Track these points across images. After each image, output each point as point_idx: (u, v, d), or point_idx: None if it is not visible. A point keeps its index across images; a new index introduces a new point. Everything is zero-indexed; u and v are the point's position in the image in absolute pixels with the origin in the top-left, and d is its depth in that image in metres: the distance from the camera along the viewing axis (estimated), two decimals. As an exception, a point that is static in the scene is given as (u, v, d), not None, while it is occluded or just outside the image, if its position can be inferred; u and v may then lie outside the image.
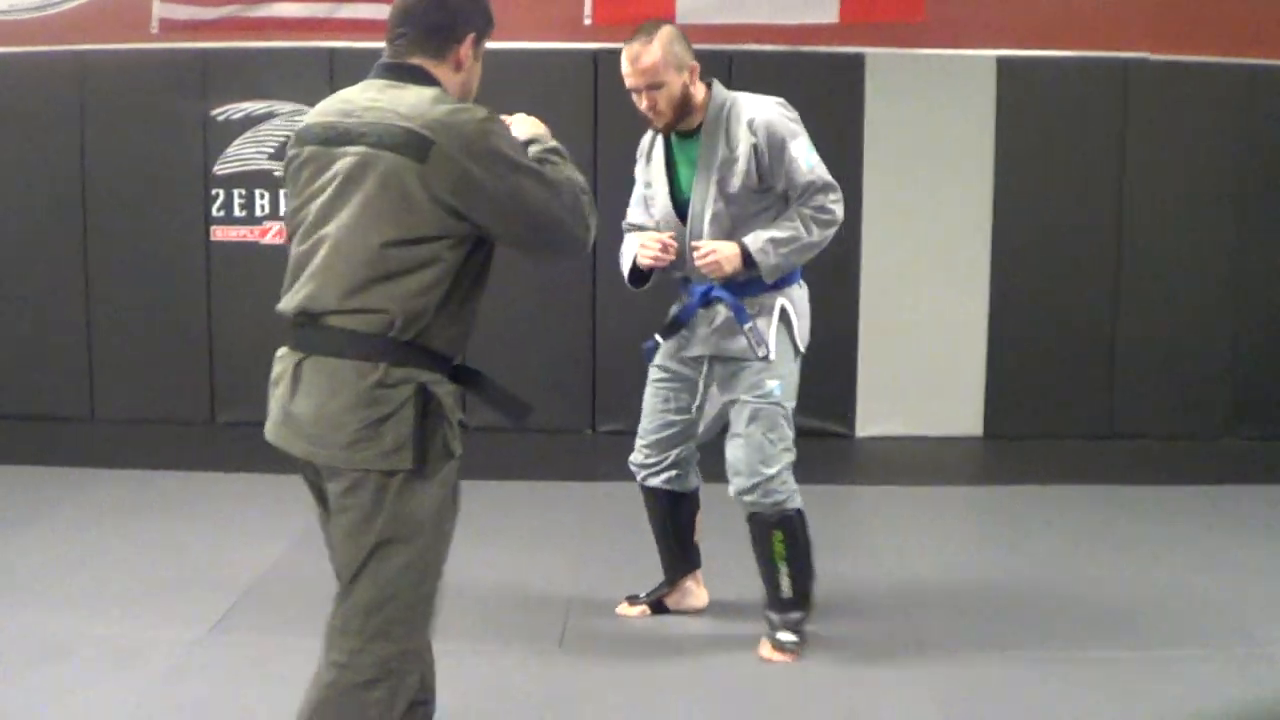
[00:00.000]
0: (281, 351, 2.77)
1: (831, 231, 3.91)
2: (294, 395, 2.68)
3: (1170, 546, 5.19)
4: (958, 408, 6.98)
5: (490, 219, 2.64)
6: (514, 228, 2.68)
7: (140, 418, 6.94)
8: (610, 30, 6.76)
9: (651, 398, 4.13)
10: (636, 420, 4.17)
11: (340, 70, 6.77)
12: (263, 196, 6.86)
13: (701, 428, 4.16)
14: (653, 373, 4.14)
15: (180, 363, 6.98)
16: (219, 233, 6.89)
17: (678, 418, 4.10)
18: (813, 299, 6.84)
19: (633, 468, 4.20)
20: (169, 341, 6.97)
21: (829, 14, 6.72)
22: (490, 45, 2.83)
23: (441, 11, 2.74)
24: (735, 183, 3.84)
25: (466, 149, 2.59)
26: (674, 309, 4.09)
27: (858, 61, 6.78)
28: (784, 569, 3.96)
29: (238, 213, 6.86)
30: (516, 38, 6.23)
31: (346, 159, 2.64)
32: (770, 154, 3.83)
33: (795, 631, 3.99)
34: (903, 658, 4.04)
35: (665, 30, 3.84)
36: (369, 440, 2.60)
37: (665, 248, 3.90)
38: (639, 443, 4.16)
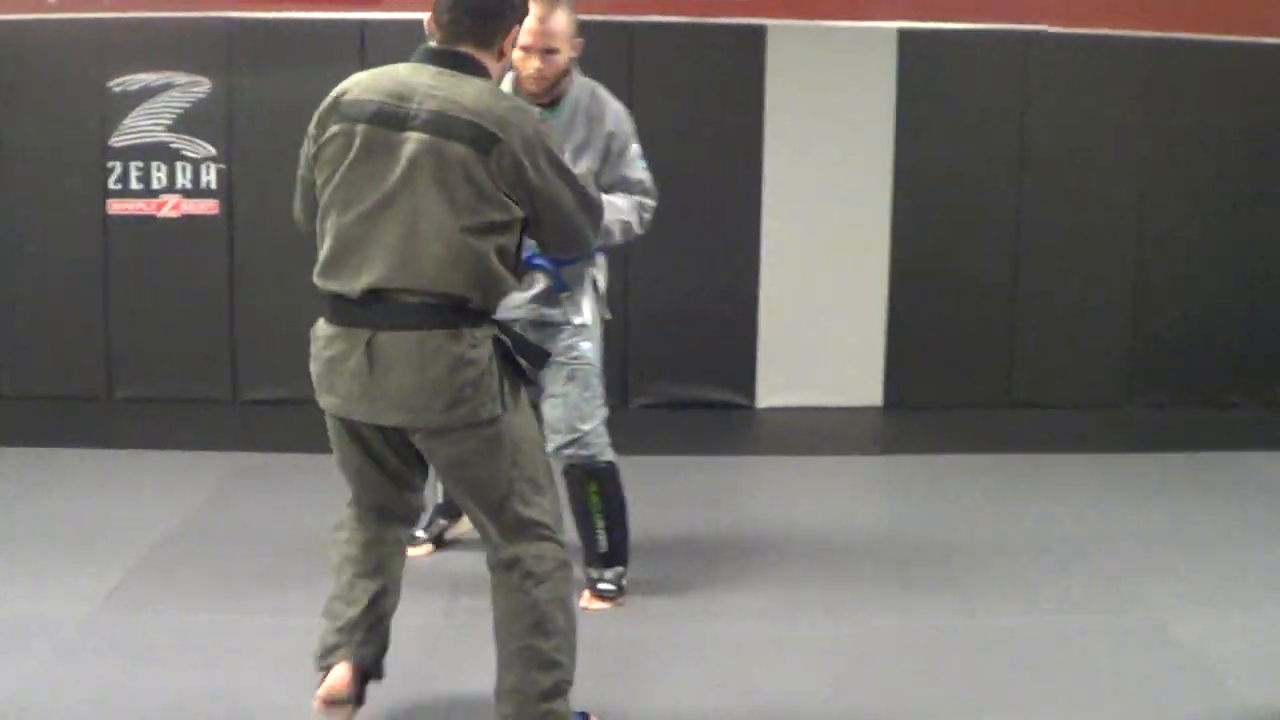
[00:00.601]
0: (332, 330, 2.94)
1: (637, 234, 4.15)
2: (374, 370, 2.87)
3: (1066, 514, 5.25)
4: (858, 378, 7.01)
5: (531, 212, 2.91)
6: (546, 224, 2.96)
7: (37, 394, 6.83)
8: None
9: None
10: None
11: (239, 40, 6.72)
12: (160, 169, 6.76)
13: None
14: None
15: (78, 337, 6.88)
16: (116, 206, 6.80)
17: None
18: (714, 269, 6.92)
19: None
20: (67, 315, 6.86)
21: (732, -15, 6.72)
22: (390, 16, 2.97)
23: (485, 11, 2.92)
24: (581, 165, 3.93)
25: (526, 147, 2.83)
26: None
27: (759, 33, 6.77)
28: (600, 522, 4.20)
29: (134, 185, 6.78)
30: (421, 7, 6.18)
31: (411, 144, 2.83)
32: (615, 148, 4.06)
33: (614, 582, 4.22)
34: (797, 621, 4.11)
35: (567, 1, 3.97)
36: (468, 399, 2.87)
37: None
38: None
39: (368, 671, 3.17)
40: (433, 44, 2.94)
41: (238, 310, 6.85)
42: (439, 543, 4.68)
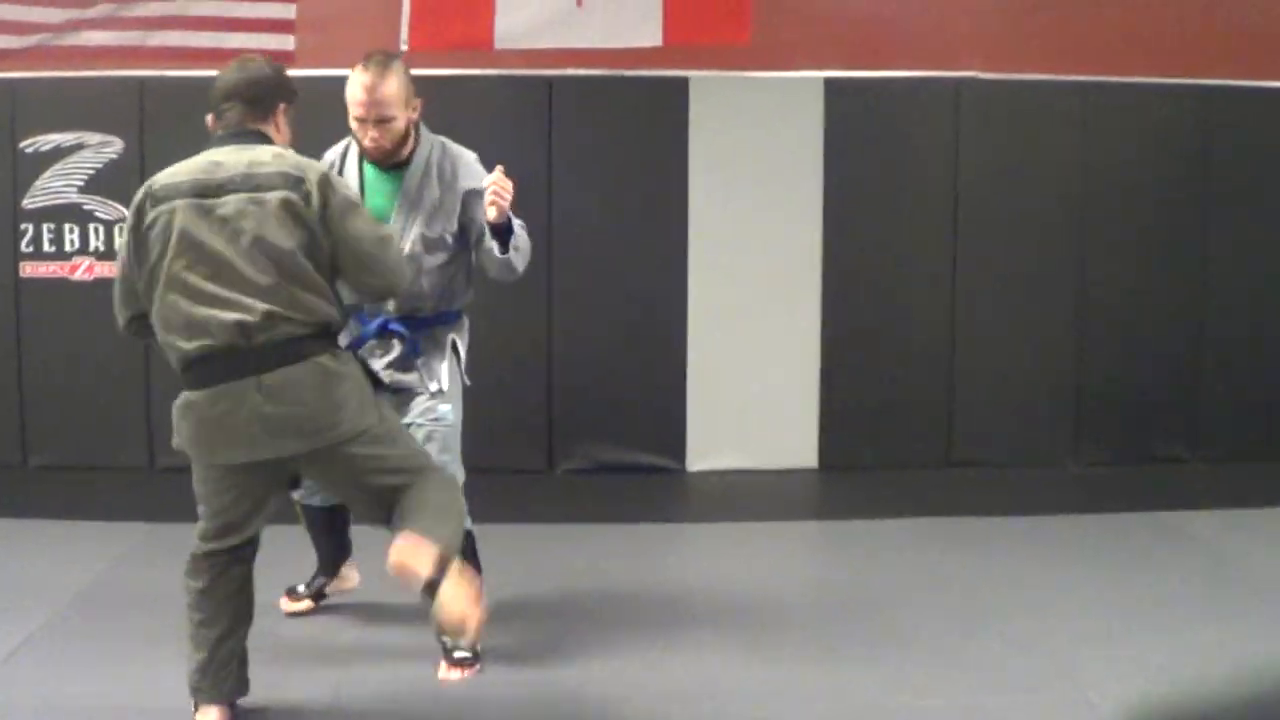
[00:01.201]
0: (197, 394, 3.30)
1: (511, 280, 4.09)
2: (265, 408, 3.24)
3: (1002, 580, 5.04)
4: (791, 439, 6.80)
5: (332, 246, 3.34)
6: (346, 252, 3.36)
7: (-46, 462, 6.71)
8: (426, 56, 6.59)
9: None
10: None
11: (151, 99, 6.59)
12: (73, 231, 6.62)
13: None
14: None
15: (-10, 403, 6.74)
16: (28, 268, 6.66)
17: None
18: (639, 328, 6.74)
19: (294, 494, 4.15)
20: (-22, 382, 6.73)
21: (653, 37, 6.54)
22: (307, 72, 3.60)
23: (257, 88, 3.50)
24: (438, 227, 3.95)
25: (323, 183, 3.32)
26: (342, 339, 3.98)
27: (681, 85, 6.62)
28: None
29: (47, 248, 6.64)
30: (331, 64, 6.04)
31: (229, 206, 3.26)
32: (474, 202, 3.95)
33: (470, 650, 4.01)
34: (719, 700, 3.91)
35: (399, 64, 3.94)
36: (345, 409, 3.33)
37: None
38: None
39: (233, 703, 3.56)
40: (218, 129, 3.47)
41: (153, 374, 6.68)
42: (318, 599, 4.60)
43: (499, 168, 3.80)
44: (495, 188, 3.76)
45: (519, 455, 6.63)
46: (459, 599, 3.24)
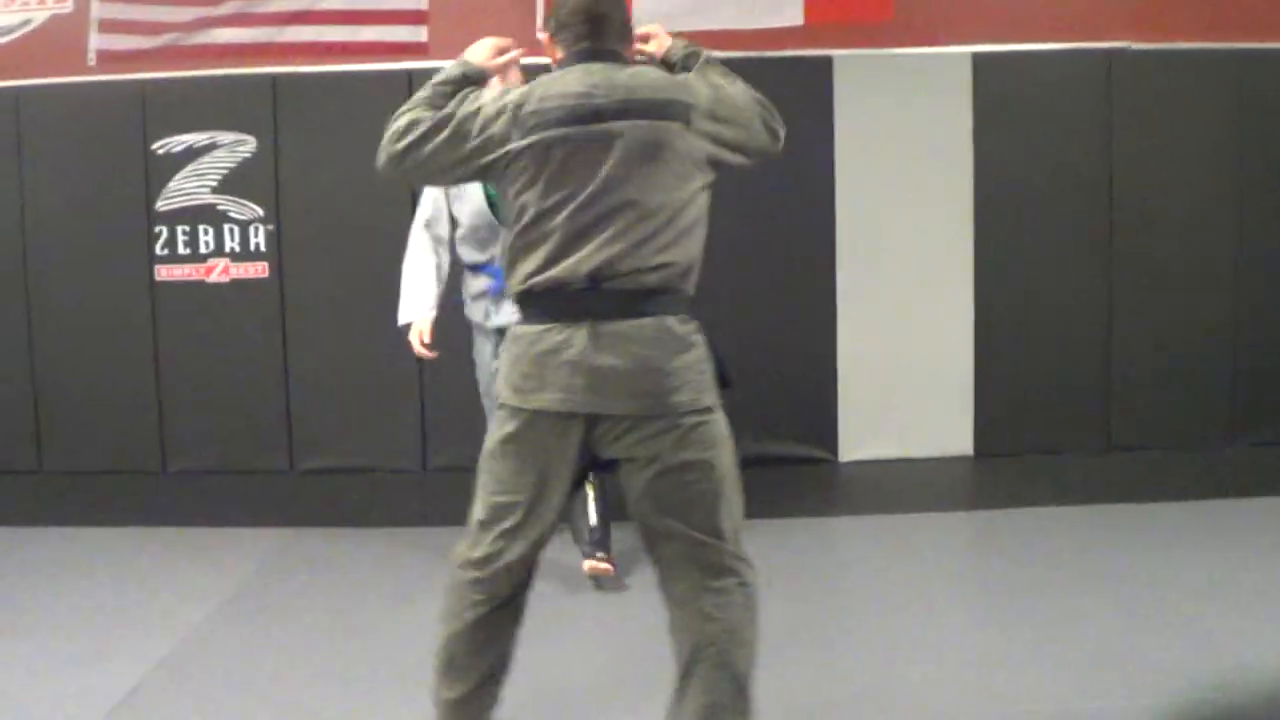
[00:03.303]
0: (542, 326, 2.90)
1: None
2: (597, 356, 2.85)
3: (1163, 571, 4.82)
4: (946, 427, 6.61)
5: (735, 134, 3.02)
6: (744, 131, 3.05)
7: (88, 469, 6.61)
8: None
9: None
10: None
11: (284, 97, 6.49)
12: (207, 232, 6.53)
13: None
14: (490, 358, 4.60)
15: (128, 409, 6.63)
16: (164, 272, 6.57)
17: None
18: (786, 316, 6.57)
19: None
20: (116, 387, 6.63)
21: (794, 17, 6.40)
22: (442, 64, 3.13)
23: (621, 8, 3.06)
24: None
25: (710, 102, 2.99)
26: (477, 294, 4.56)
27: (825, 64, 6.45)
28: (594, 494, 4.57)
29: (182, 250, 6.54)
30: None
31: (622, 133, 2.89)
32: None
33: (605, 550, 4.63)
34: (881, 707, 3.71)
35: None
36: (691, 386, 2.89)
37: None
38: None
39: None
40: (581, 47, 2.99)
41: (291, 376, 6.58)
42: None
43: None
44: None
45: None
46: None
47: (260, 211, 6.52)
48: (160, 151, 6.52)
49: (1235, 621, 4.27)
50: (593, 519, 4.67)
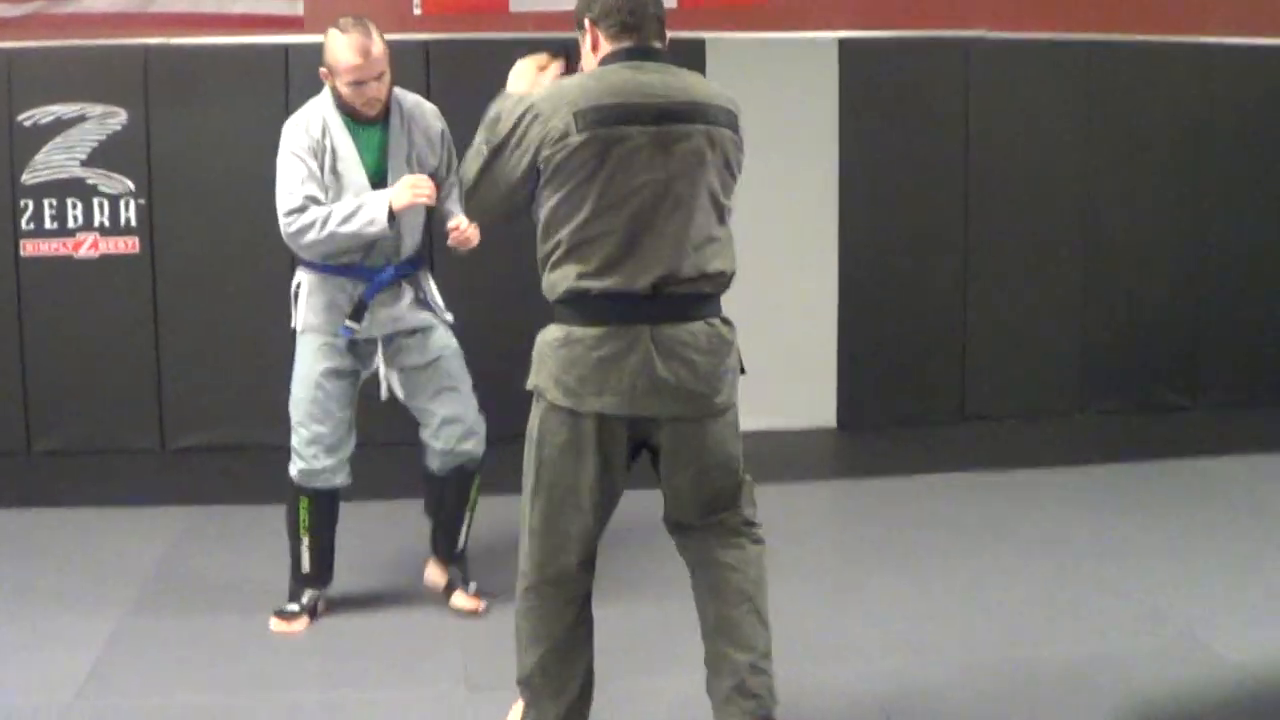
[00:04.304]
0: (599, 330, 2.93)
1: None
2: (658, 363, 2.92)
3: (1052, 531, 5.15)
4: (811, 398, 6.84)
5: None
6: None
7: (-54, 449, 6.46)
8: (440, 20, 6.51)
9: (325, 401, 4.12)
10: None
11: (156, 68, 6.39)
12: (75, 206, 6.40)
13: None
14: (321, 376, 4.12)
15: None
16: (29, 247, 6.42)
17: (346, 414, 4.19)
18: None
19: (305, 475, 4.17)
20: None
21: (667, -1, 6.51)
22: (314, 39, 3.21)
23: (660, 6, 3.07)
24: (425, 170, 4.12)
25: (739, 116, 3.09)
26: (346, 295, 4.10)
27: (698, 46, 6.56)
28: (467, 518, 4.32)
29: (49, 225, 6.41)
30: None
31: (684, 137, 2.92)
32: (446, 144, 4.23)
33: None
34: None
35: (373, 24, 4.00)
36: (729, 385, 3.06)
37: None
38: (312, 449, 4.14)
39: None
40: (644, 44, 3.01)
41: (163, 352, 6.51)
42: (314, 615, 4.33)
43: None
44: (466, 236, 4.02)
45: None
46: None
47: (131, 185, 6.41)
48: (27, 123, 6.36)
49: (1137, 574, 4.62)
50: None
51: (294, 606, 4.25)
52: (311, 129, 4.03)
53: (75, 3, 6.34)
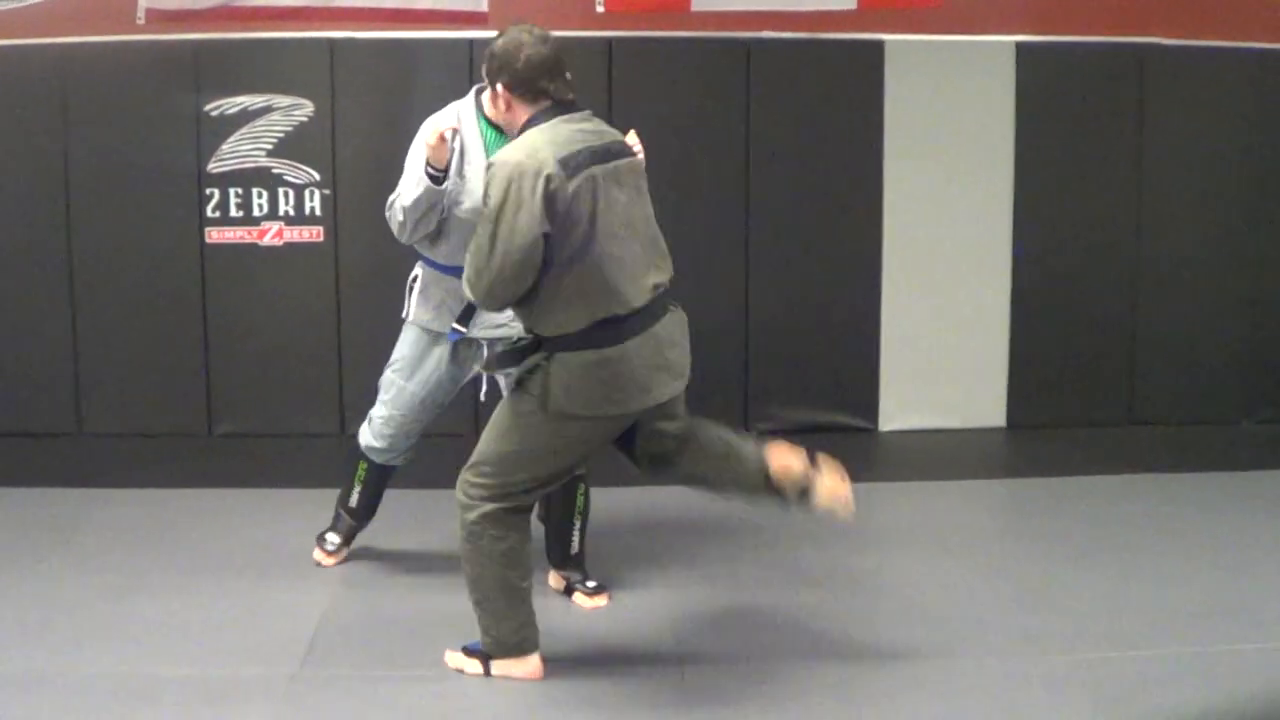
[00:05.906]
0: (619, 347, 3.46)
1: None
2: (662, 357, 3.55)
3: (1204, 537, 5.16)
4: (981, 399, 6.87)
5: None
6: None
7: (132, 431, 6.54)
8: (622, 17, 6.56)
9: (418, 391, 4.41)
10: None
11: (342, 61, 6.48)
12: (260, 195, 6.49)
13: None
14: (419, 369, 4.42)
15: (176, 372, 6.58)
16: (215, 234, 6.52)
17: (429, 414, 4.50)
18: (834, 295, 6.75)
19: (371, 449, 4.55)
20: (162, 351, 6.58)
21: (847, 0, 6.56)
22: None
23: (562, 60, 3.62)
24: None
25: None
26: (457, 299, 4.22)
27: (877, 48, 6.62)
28: (577, 524, 4.40)
29: (234, 213, 6.51)
30: (527, 26, 5.97)
31: (621, 170, 3.54)
32: None
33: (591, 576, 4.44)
34: (918, 660, 3.97)
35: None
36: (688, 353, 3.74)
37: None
38: (387, 429, 4.48)
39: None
40: (566, 98, 3.57)
41: (345, 341, 6.59)
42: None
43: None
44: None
45: (710, 415, 6.61)
46: (836, 479, 3.66)
47: (316, 176, 6.50)
48: (214, 114, 6.46)
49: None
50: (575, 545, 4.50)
51: (335, 539, 4.70)
52: (449, 119, 4.11)
53: (259, -4, 6.41)
